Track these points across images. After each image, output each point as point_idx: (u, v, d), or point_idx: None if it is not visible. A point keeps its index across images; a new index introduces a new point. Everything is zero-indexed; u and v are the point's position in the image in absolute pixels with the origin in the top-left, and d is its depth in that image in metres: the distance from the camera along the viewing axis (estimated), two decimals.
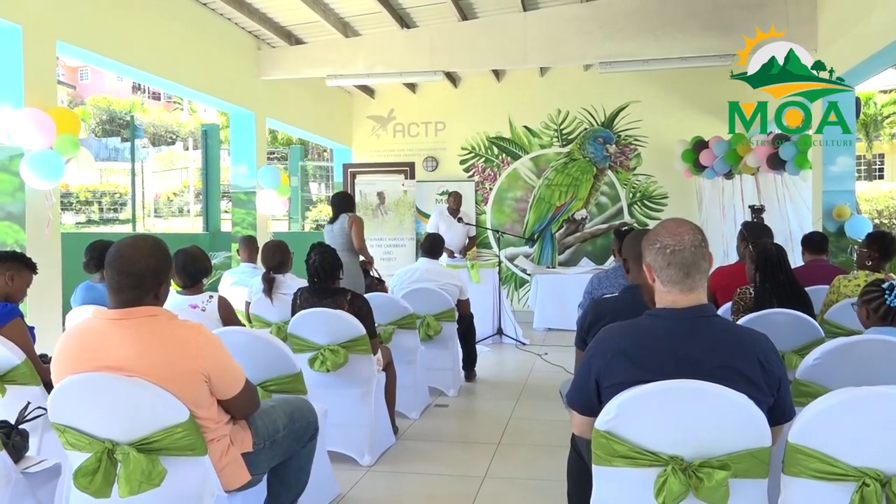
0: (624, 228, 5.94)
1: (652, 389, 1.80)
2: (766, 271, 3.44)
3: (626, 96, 9.80)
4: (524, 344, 7.74)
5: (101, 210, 19.78)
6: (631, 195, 9.98)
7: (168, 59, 6.40)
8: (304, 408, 2.74)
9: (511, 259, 10.24)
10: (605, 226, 9.98)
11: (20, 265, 3.39)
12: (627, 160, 9.97)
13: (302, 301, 3.92)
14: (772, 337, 1.97)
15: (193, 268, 3.86)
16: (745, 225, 4.64)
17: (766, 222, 7.13)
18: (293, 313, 3.89)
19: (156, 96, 36.20)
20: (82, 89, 34.99)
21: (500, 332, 7.82)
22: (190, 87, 6.86)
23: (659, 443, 1.83)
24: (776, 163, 7.41)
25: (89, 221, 19.34)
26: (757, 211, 7.58)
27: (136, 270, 2.10)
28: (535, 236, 10.16)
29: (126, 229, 13.22)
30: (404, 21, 7.63)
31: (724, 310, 3.75)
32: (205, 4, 6.86)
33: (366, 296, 4.67)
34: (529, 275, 9.93)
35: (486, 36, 7.53)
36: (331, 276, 3.89)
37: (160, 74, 6.37)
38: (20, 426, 2.59)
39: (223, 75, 7.35)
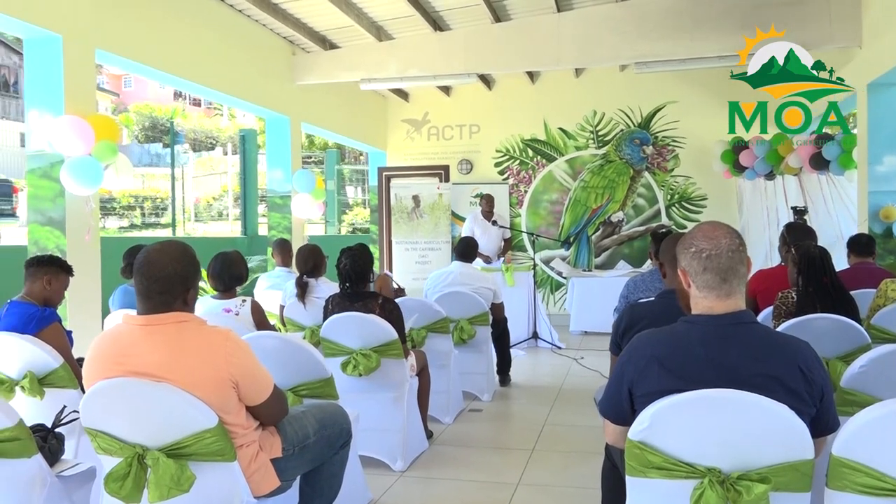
0: (662, 231, 5.83)
1: (687, 399, 1.74)
2: (809, 274, 3.32)
3: (662, 97, 9.64)
4: (560, 348, 7.66)
5: (143, 215, 20.16)
6: (669, 197, 9.81)
7: (204, 65, 6.48)
8: (336, 413, 2.72)
9: (546, 262, 10.14)
10: (642, 228, 9.83)
11: (57, 269, 3.45)
12: (665, 161, 9.81)
13: (334, 305, 3.91)
14: (815, 343, 1.89)
15: (228, 273, 3.89)
16: (787, 226, 4.50)
17: (810, 224, 6.95)
18: (325, 318, 3.89)
19: (196, 102, 36.81)
20: (126, 97, 35.73)
21: (535, 335, 7.75)
22: (226, 93, 6.94)
23: (695, 454, 1.76)
24: (819, 163, 7.21)
25: (132, 226, 19.72)
26: (800, 212, 7.39)
27: (164, 276, 2.10)
28: (571, 239, 10.05)
29: (167, 233, 13.43)
30: (437, 24, 7.61)
31: (765, 314, 3.64)
32: (240, 11, 6.94)
33: (399, 300, 4.68)
34: (565, 278, 9.83)
35: (520, 37, 7.47)
36: (362, 280, 3.88)
37: (197, 81, 6.46)
38: (56, 429, 2.62)
39: (258, 81, 7.42)
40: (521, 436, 4.57)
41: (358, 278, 3.88)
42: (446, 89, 10.33)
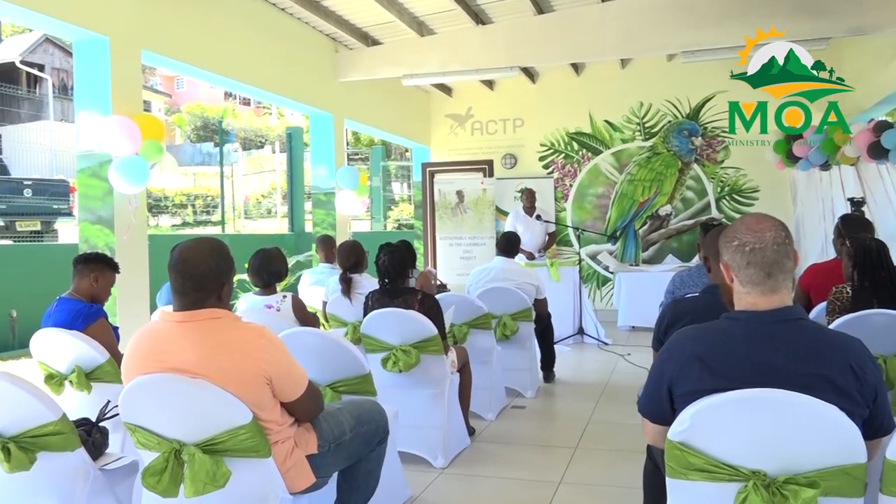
0: (712, 224, 5.67)
1: (729, 399, 1.67)
2: (865, 269, 3.17)
3: (711, 86, 9.37)
4: (606, 344, 7.54)
5: (194, 213, 20.60)
6: (719, 189, 9.57)
7: (248, 64, 6.56)
8: (373, 410, 2.70)
9: (592, 257, 10.00)
10: (691, 221, 9.61)
11: (104, 266, 3.52)
12: (714, 153, 9.56)
13: (373, 302, 3.91)
14: (872, 340, 1.80)
15: (268, 269, 3.92)
16: (843, 219, 4.32)
17: (868, 216, 6.67)
18: (365, 314, 3.88)
19: (246, 102, 37.42)
20: (178, 97, 36.52)
21: (580, 331, 7.64)
22: (270, 91, 7.01)
23: (738, 456, 1.69)
24: (878, 152, 6.90)
25: (184, 224, 20.17)
26: (857, 204, 7.10)
27: (198, 273, 2.11)
28: (618, 233, 9.89)
29: (217, 231, 13.71)
30: (479, 18, 7.55)
31: (819, 310, 3.50)
32: (283, 10, 6.99)
33: (440, 295, 4.65)
34: (612, 273, 9.67)
35: (563, 29, 7.35)
36: (400, 276, 3.87)
37: (241, 79, 6.54)
38: (101, 423, 2.67)
39: (302, 78, 7.48)
40: (564, 433, 4.50)
41: (396, 274, 3.86)
42: (490, 83, 10.26)
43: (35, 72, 22.48)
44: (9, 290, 7.67)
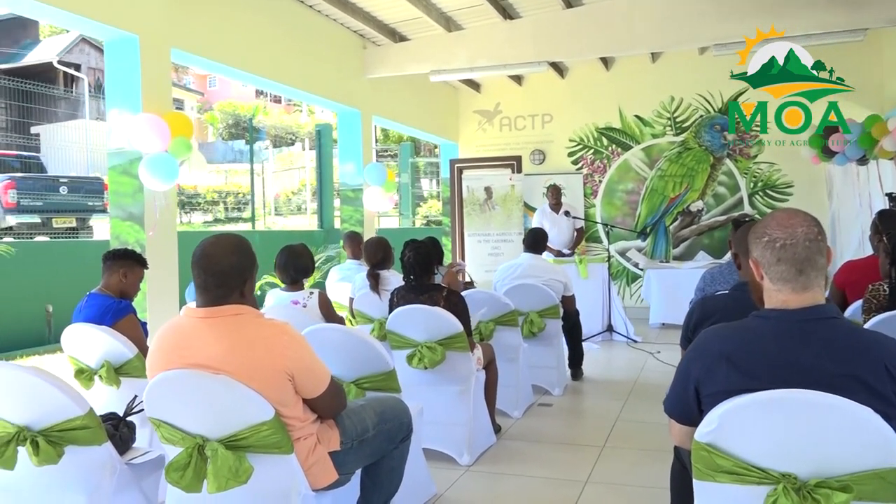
0: (745, 220, 5.57)
1: (758, 399, 1.62)
2: None
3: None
4: (635, 341, 7.45)
5: (226, 209, 20.83)
6: (752, 185, 9.39)
7: (276, 61, 6.59)
8: (397, 407, 2.69)
9: (622, 253, 9.89)
10: (723, 218, 9.44)
11: (132, 262, 3.55)
12: (747, 147, 9.38)
13: (399, 298, 3.90)
14: None
15: (294, 266, 3.93)
16: (880, 214, 4.20)
17: None
18: (390, 311, 3.88)
19: (277, 100, 37.70)
20: (210, 96, 36.94)
21: (609, 328, 7.57)
22: (297, 88, 7.04)
23: (768, 458, 1.64)
24: None
25: (216, 220, 20.42)
26: (895, 199, 6.91)
27: (220, 269, 2.12)
28: (648, 229, 9.77)
29: (247, 227, 13.84)
30: (507, 12, 7.49)
31: (854, 308, 3.40)
32: (311, 6, 7.01)
33: (466, 292, 4.63)
34: (642, 269, 9.56)
35: (592, 23, 7.26)
36: (425, 272, 3.85)
37: (269, 77, 6.57)
38: (127, 418, 2.70)
39: (330, 75, 7.50)
40: (591, 432, 4.45)
41: (421, 271, 3.84)
42: (518, 79, 10.19)
43: (72, 71, 22.90)
44: (45, 286, 7.83)
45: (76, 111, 21.24)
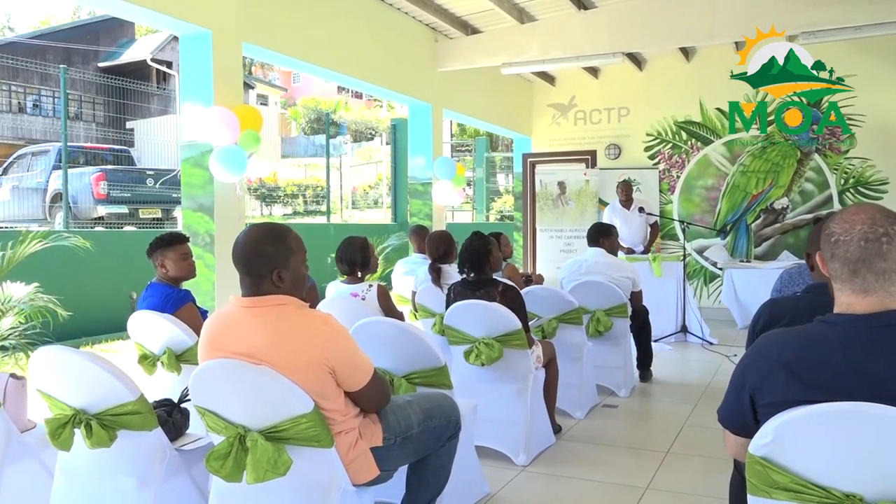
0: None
1: (820, 412, 1.47)
2: None
3: (837, 69, 8.65)
4: (711, 343, 7.15)
5: (304, 202, 21.29)
6: (842, 181, 8.86)
7: (347, 54, 6.64)
8: (444, 405, 2.61)
9: (700, 252, 9.52)
10: (809, 216, 8.96)
11: (163, 248, 3.49)
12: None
13: (455, 294, 3.84)
14: None
15: (351, 257, 3.93)
16: None
17: None
18: (447, 305, 3.82)
19: (358, 95, 38.31)
20: (294, 92, 37.87)
21: (684, 329, 7.29)
22: (369, 82, 7.08)
23: (830, 476, 1.50)
24: None
25: (295, 213, 20.90)
26: None
27: (245, 258, 2.12)
28: (728, 227, 9.37)
29: (322, 220, 14.08)
30: (581, 2, 7.31)
31: None
32: (383, 0, 7.03)
33: (528, 289, 4.53)
34: (720, 269, 9.18)
35: (670, 11, 7.00)
36: (480, 267, 3.77)
37: (340, 70, 6.63)
38: (181, 405, 2.74)
39: (402, 69, 7.50)
40: (656, 436, 4.28)
41: (476, 266, 3.77)
42: (594, 71, 9.96)
43: (164, 68, 23.89)
44: (131, 273, 8.16)
45: (168, 107, 22.13)
